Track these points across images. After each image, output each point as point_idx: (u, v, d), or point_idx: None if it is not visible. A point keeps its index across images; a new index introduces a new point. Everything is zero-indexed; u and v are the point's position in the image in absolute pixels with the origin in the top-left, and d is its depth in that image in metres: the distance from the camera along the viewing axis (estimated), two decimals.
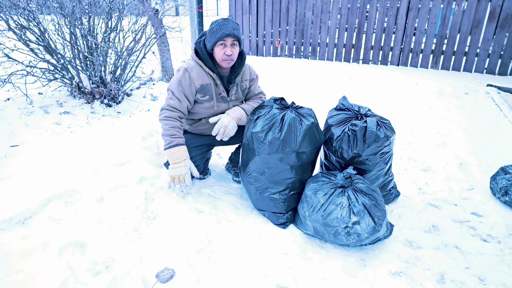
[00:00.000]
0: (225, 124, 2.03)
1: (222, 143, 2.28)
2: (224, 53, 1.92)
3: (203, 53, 1.98)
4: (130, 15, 4.07)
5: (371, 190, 1.75)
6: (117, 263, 1.63)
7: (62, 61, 3.32)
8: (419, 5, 5.69)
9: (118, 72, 3.75)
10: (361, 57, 6.30)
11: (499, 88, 4.69)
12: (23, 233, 1.77)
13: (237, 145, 2.38)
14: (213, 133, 2.07)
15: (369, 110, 2.01)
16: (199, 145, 2.14)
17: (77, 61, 3.42)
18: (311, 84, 4.97)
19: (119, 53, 3.57)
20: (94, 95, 3.57)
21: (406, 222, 2.00)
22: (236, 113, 2.07)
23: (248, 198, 2.16)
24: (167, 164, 2.08)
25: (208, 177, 2.44)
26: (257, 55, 7.04)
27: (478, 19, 5.43)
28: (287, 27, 6.65)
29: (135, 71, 3.91)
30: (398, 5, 5.81)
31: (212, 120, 2.09)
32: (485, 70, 5.60)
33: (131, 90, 4.07)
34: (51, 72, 3.45)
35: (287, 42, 6.76)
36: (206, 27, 6.25)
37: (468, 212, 2.10)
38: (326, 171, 2.09)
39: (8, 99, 3.41)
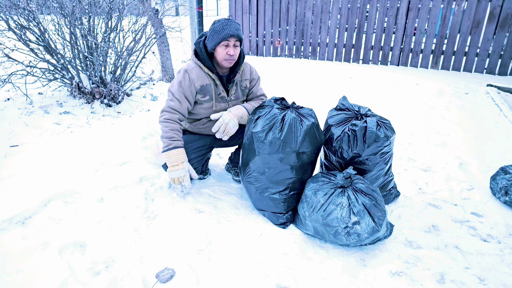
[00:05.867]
0: (226, 121, 2.02)
1: (222, 144, 2.28)
2: (227, 53, 1.92)
3: (202, 54, 1.99)
4: (130, 15, 4.07)
5: (371, 190, 1.75)
6: (117, 263, 1.63)
7: (62, 61, 3.32)
8: (419, 5, 5.69)
9: (118, 72, 3.75)
10: (361, 57, 6.30)
11: (499, 88, 4.69)
12: (23, 233, 1.77)
13: (236, 146, 2.37)
14: (213, 130, 2.06)
15: (369, 110, 2.01)
16: (198, 147, 2.14)
17: (77, 61, 3.42)
18: (311, 84, 4.97)
19: (119, 53, 3.57)
20: (94, 95, 3.57)
21: (406, 222, 2.00)
22: (238, 111, 2.06)
23: (248, 198, 2.16)
24: (165, 166, 2.08)
25: (208, 177, 2.44)
26: (257, 55, 7.04)
27: (478, 19, 5.43)
28: (287, 27, 6.66)
29: (135, 71, 3.91)
30: (398, 5, 5.81)
31: (213, 116, 2.08)
32: (485, 70, 5.60)
33: (131, 90, 4.07)
34: (51, 72, 3.45)
35: (287, 42, 6.76)
36: (206, 27, 6.26)
37: (468, 212, 2.10)
38: (326, 171, 2.09)
39: (8, 99, 3.41)
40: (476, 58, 5.60)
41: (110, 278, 1.53)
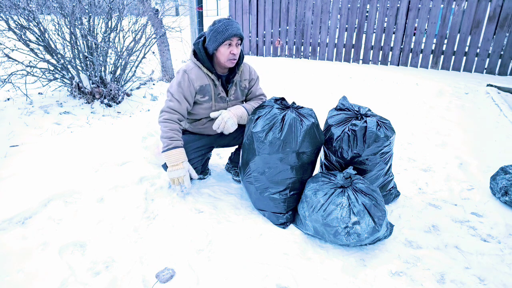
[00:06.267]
0: (225, 120, 2.02)
1: (222, 144, 2.28)
2: (231, 53, 1.92)
3: (201, 54, 1.98)
4: (130, 15, 4.07)
5: (371, 190, 1.75)
6: (117, 263, 1.63)
7: (62, 61, 3.32)
8: (419, 5, 5.69)
9: (118, 72, 3.75)
10: (361, 57, 6.30)
11: (499, 88, 4.69)
12: (23, 233, 1.77)
13: (236, 146, 2.37)
14: (214, 128, 2.07)
15: (369, 110, 2.01)
16: (198, 147, 2.13)
17: (77, 61, 3.42)
18: (311, 84, 4.97)
19: (119, 53, 3.57)
20: (94, 95, 3.57)
21: (406, 222, 2.00)
22: (238, 111, 2.06)
23: (248, 198, 2.16)
24: (165, 166, 2.08)
25: (208, 177, 2.44)
26: (257, 55, 7.04)
27: (478, 19, 5.43)
28: (287, 27, 6.66)
29: (135, 71, 3.91)
30: (398, 5, 5.81)
31: (213, 115, 2.08)
32: (485, 70, 5.60)
33: (131, 90, 4.08)
34: (51, 72, 3.45)
35: (287, 42, 6.76)
36: (206, 27, 6.26)
37: (468, 212, 2.10)
38: (326, 171, 2.09)
39: (8, 99, 3.41)
40: (476, 58, 5.60)
41: (110, 278, 1.53)
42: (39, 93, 3.63)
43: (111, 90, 3.58)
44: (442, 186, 2.38)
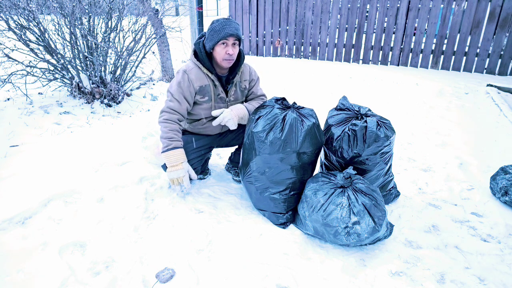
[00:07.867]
0: (226, 120, 2.03)
1: (222, 144, 2.28)
2: (226, 53, 1.92)
3: (202, 54, 1.98)
4: (130, 15, 4.07)
5: (371, 190, 1.75)
6: (117, 263, 1.63)
7: (62, 61, 3.32)
8: (419, 5, 5.69)
9: (118, 72, 3.75)
10: (361, 57, 6.30)
11: (499, 88, 4.69)
12: (23, 233, 1.77)
13: (236, 146, 2.37)
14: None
15: (369, 110, 2.01)
16: (198, 147, 2.13)
17: (77, 61, 3.42)
18: (311, 84, 4.97)
19: (119, 53, 3.57)
20: (94, 95, 3.57)
21: (406, 222, 2.00)
22: (240, 111, 2.06)
23: (248, 198, 2.16)
24: (164, 167, 2.08)
25: (208, 177, 2.44)
26: (257, 55, 7.04)
27: (478, 19, 5.43)
28: (287, 27, 6.66)
29: (135, 71, 3.91)
30: (398, 5, 5.81)
31: (214, 113, 2.07)
32: (485, 70, 5.60)
33: (131, 90, 4.07)
34: (51, 72, 3.45)
35: (287, 42, 6.76)
36: (206, 27, 6.26)
37: (468, 212, 2.10)
38: (326, 171, 2.09)
39: (8, 99, 3.41)
40: (476, 58, 5.60)
41: (110, 278, 1.53)
42: (39, 93, 3.63)
43: (111, 90, 3.58)
44: (442, 186, 2.38)
